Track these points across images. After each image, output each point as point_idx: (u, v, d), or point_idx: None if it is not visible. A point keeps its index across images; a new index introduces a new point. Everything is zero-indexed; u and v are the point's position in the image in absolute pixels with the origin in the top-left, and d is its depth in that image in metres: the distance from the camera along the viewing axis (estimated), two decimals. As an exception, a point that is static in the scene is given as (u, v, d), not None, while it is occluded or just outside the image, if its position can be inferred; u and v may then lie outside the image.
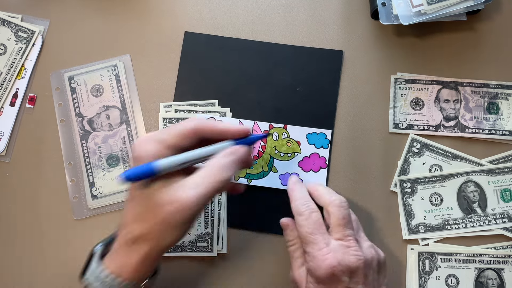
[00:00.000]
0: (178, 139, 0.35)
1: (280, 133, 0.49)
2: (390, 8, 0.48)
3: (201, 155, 0.36)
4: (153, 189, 0.34)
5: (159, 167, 0.33)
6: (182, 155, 0.35)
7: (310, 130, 0.49)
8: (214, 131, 0.37)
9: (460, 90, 0.49)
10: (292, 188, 0.42)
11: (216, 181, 0.34)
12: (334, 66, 0.50)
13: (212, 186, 0.34)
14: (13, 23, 0.52)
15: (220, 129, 0.37)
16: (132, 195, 0.35)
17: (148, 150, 0.34)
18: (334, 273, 0.36)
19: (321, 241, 0.38)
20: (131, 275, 0.34)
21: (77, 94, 0.51)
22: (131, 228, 0.34)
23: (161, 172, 0.34)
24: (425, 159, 0.48)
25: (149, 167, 0.33)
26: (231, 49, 0.51)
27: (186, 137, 0.36)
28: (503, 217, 0.47)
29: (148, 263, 0.35)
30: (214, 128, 0.37)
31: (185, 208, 0.33)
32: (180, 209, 0.33)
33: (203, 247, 0.47)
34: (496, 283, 0.45)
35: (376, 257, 0.39)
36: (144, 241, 0.34)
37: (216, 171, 0.35)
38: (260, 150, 0.48)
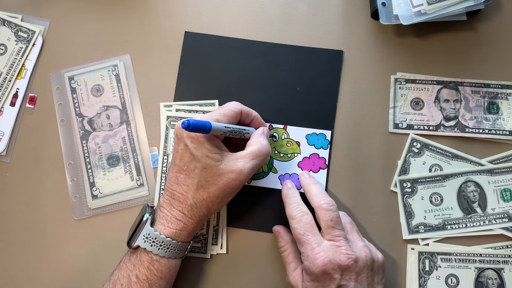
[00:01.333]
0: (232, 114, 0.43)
1: (280, 134, 0.49)
2: (390, 8, 0.48)
3: (241, 129, 0.43)
4: (214, 160, 0.40)
5: (213, 125, 0.39)
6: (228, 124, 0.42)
7: (310, 130, 0.49)
8: (249, 115, 0.45)
9: (460, 90, 0.49)
10: (286, 194, 0.44)
11: (261, 154, 0.42)
12: (334, 66, 0.50)
13: (259, 159, 0.41)
14: (13, 23, 0.52)
15: (253, 116, 0.45)
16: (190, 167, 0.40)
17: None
18: (326, 271, 0.38)
19: (313, 241, 0.39)
20: (187, 238, 0.41)
21: (77, 94, 0.51)
22: (194, 194, 0.40)
23: (214, 130, 0.39)
24: (425, 159, 0.48)
25: (206, 122, 0.38)
26: (231, 49, 0.51)
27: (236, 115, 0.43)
28: (503, 217, 0.47)
29: (200, 224, 0.42)
30: (250, 113, 0.45)
31: (242, 174, 0.40)
32: (239, 175, 0.40)
33: (197, 248, 0.47)
34: (496, 283, 0.45)
35: (370, 256, 0.40)
36: (205, 205, 0.40)
37: (261, 146, 0.42)
38: None
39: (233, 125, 0.42)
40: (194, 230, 0.42)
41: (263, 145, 0.42)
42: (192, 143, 0.40)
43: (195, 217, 0.41)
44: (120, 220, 0.48)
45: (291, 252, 0.43)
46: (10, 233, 0.48)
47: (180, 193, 0.41)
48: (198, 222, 0.41)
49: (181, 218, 0.40)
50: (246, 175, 0.40)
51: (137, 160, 0.49)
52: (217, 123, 0.40)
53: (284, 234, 0.45)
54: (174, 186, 0.41)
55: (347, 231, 0.42)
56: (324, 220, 0.40)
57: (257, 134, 0.44)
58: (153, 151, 0.49)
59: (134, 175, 0.49)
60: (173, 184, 0.41)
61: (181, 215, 0.40)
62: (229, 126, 0.42)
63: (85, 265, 0.47)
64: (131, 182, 0.49)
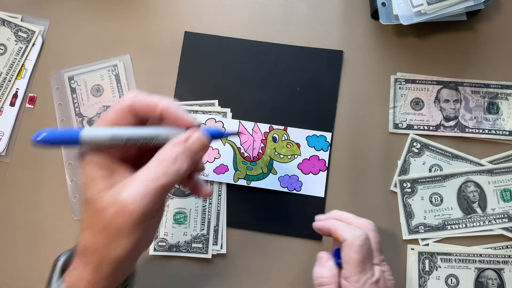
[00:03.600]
0: (116, 116, 0.31)
1: (280, 135, 0.49)
2: (390, 8, 0.48)
3: (139, 134, 0.29)
4: (96, 191, 0.29)
5: (83, 134, 0.28)
6: (114, 128, 0.29)
7: (310, 132, 0.49)
8: (153, 109, 0.30)
9: (460, 90, 0.49)
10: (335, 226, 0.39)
11: (164, 174, 0.29)
12: (334, 66, 0.50)
13: (160, 182, 0.28)
14: (13, 23, 0.52)
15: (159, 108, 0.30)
16: (82, 199, 0.30)
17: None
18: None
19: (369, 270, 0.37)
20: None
21: (77, 94, 0.51)
22: (81, 237, 0.30)
23: (86, 141, 0.29)
24: (425, 159, 0.48)
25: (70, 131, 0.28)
26: (231, 49, 0.51)
27: (122, 114, 0.31)
28: (503, 217, 0.47)
29: (103, 276, 0.30)
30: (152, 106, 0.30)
31: (127, 209, 0.28)
32: (122, 211, 0.28)
33: (198, 248, 0.47)
34: (496, 283, 0.45)
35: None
36: (92, 252, 0.29)
37: (165, 163, 0.29)
38: (260, 151, 0.48)
39: (129, 128, 0.30)
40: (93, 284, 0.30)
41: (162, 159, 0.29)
42: (80, 166, 0.30)
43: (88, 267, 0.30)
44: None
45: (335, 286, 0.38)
46: (10, 233, 0.48)
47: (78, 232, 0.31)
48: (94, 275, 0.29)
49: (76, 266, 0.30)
50: (134, 208, 0.28)
51: (137, 160, 0.49)
52: (93, 129, 0.29)
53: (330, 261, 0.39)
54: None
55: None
56: (374, 242, 0.38)
57: (168, 145, 0.30)
58: (153, 151, 0.49)
59: (134, 175, 0.49)
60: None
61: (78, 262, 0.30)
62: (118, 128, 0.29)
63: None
64: (131, 182, 0.49)
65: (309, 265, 0.46)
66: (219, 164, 0.48)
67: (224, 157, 0.48)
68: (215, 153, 0.48)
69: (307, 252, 0.47)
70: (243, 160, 0.48)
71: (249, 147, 0.48)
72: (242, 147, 0.48)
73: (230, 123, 0.49)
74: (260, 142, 0.48)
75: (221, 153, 0.48)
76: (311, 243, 0.47)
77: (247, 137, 0.49)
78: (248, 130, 0.49)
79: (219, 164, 0.48)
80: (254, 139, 0.48)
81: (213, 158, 0.48)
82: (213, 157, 0.48)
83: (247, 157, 0.48)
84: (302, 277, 0.46)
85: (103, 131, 0.29)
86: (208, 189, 0.36)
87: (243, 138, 0.49)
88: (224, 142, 0.48)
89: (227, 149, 0.48)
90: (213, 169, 0.48)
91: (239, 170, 0.48)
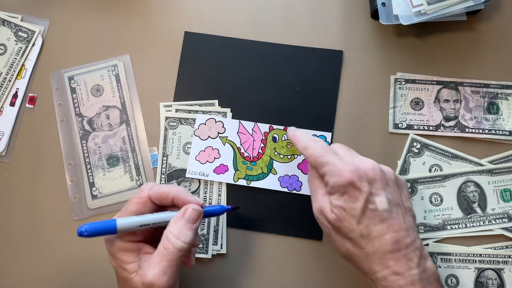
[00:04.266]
0: (138, 208, 0.38)
1: (280, 135, 0.49)
2: (390, 8, 0.48)
3: (158, 219, 0.38)
4: (129, 273, 0.36)
5: (120, 224, 0.36)
6: (141, 217, 0.37)
7: (310, 132, 0.48)
8: (166, 197, 0.39)
9: (460, 90, 0.49)
10: (293, 135, 0.42)
11: (173, 249, 0.36)
12: (334, 66, 0.50)
13: (172, 257, 0.36)
14: (13, 23, 0.52)
15: (171, 196, 0.39)
16: (119, 278, 0.38)
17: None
18: (353, 180, 0.36)
19: (335, 158, 0.38)
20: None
21: (77, 94, 0.51)
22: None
23: (122, 228, 0.36)
24: (425, 159, 0.48)
25: (111, 223, 0.36)
26: (231, 49, 0.51)
27: (144, 204, 0.39)
28: (503, 217, 0.47)
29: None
30: (165, 195, 0.39)
31: (154, 286, 0.35)
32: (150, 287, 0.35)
33: (198, 248, 0.47)
34: (496, 283, 0.45)
35: (392, 172, 0.39)
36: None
37: (172, 240, 0.36)
38: (260, 151, 0.48)
39: (147, 215, 0.38)
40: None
41: (169, 238, 0.36)
42: (109, 252, 0.37)
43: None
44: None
45: (318, 177, 0.40)
46: (9, 233, 0.48)
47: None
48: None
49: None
50: (159, 285, 0.35)
51: (137, 160, 0.49)
52: (124, 219, 0.36)
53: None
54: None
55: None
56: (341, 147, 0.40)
57: (171, 223, 0.38)
58: (152, 151, 0.49)
59: (133, 175, 0.49)
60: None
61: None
62: (140, 218, 0.37)
63: (84, 265, 0.47)
64: (131, 182, 0.49)
65: (309, 265, 0.46)
66: (219, 164, 0.48)
67: (224, 157, 0.48)
68: (215, 153, 0.48)
69: (307, 252, 0.47)
70: (243, 160, 0.48)
71: (249, 147, 0.48)
72: (242, 147, 0.48)
73: (230, 123, 0.49)
74: (260, 142, 0.48)
75: (221, 153, 0.48)
76: (311, 243, 0.47)
77: (247, 137, 0.49)
78: (248, 130, 0.49)
79: (219, 164, 0.48)
80: (254, 139, 0.48)
81: (213, 158, 0.48)
82: (213, 157, 0.48)
83: (247, 157, 0.48)
84: (302, 277, 0.46)
85: (134, 220, 0.37)
86: (193, 263, 0.41)
87: (243, 137, 0.49)
88: (224, 142, 0.48)
89: (227, 149, 0.48)
90: (213, 169, 0.48)
91: (239, 170, 0.48)
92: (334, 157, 0.38)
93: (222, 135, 0.49)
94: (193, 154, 0.48)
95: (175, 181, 0.48)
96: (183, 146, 0.49)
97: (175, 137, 0.49)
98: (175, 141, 0.49)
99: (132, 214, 0.38)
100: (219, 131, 0.49)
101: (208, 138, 0.48)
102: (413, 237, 0.36)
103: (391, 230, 0.36)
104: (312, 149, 0.39)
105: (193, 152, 0.48)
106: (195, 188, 0.48)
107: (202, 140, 0.48)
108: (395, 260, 0.35)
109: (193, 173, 0.48)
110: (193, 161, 0.48)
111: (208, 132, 0.49)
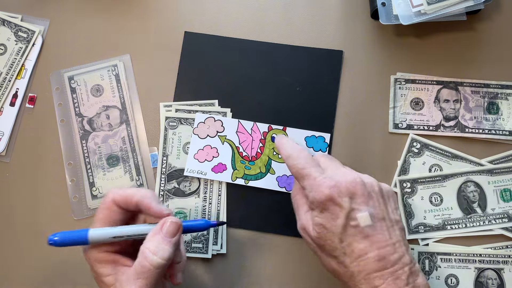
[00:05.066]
0: (104, 214, 0.37)
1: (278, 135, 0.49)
2: (390, 8, 0.48)
3: (133, 232, 0.36)
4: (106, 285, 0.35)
5: (91, 236, 0.35)
6: (115, 228, 0.36)
7: (309, 133, 0.48)
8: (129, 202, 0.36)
9: (460, 90, 0.49)
10: (279, 142, 0.42)
11: (149, 267, 0.34)
12: (334, 66, 0.50)
13: (149, 274, 0.34)
14: (13, 23, 0.52)
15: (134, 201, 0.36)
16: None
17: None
18: (333, 196, 0.35)
19: (315, 171, 0.37)
20: None
21: (77, 94, 0.51)
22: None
23: (94, 240, 0.35)
24: (425, 159, 0.48)
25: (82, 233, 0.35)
26: (231, 49, 0.51)
27: (109, 210, 0.37)
28: (503, 217, 0.47)
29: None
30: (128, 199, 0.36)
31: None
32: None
33: (198, 248, 0.47)
34: (496, 283, 0.45)
35: (376, 183, 0.37)
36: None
37: (149, 256, 0.34)
38: (258, 151, 0.48)
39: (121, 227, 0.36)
40: None
41: (145, 255, 0.34)
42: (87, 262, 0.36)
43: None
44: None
45: (302, 196, 0.39)
46: (10, 233, 0.48)
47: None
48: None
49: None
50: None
51: (137, 160, 0.49)
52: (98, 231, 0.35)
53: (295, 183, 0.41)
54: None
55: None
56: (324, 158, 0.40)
57: (148, 237, 0.35)
58: (153, 151, 0.49)
59: (134, 175, 0.49)
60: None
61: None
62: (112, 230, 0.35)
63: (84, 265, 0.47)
64: (131, 182, 0.49)
65: (309, 265, 0.46)
66: (217, 163, 0.48)
67: (222, 156, 0.48)
68: (213, 151, 0.48)
69: (307, 252, 0.47)
70: (241, 159, 0.48)
71: (248, 146, 0.48)
72: (241, 146, 0.48)
73: (229, 122, 0.49)
74: (259, 141, 0.48)
75: (219, 152, 0.48)
76: (311, 243, 0.47)
77: (246, 136, 0.49)
78: (247, 129, 0.49)
79: (218, 163, 0.48)
80: (253, 138, 0.48)
81: (212, 157, 0.48)
82: (212, 155, 0.48)
83: (246, 156, 0.48)
84: (302, 276, 0.46)
85: (106, 231, 0.35)
86: (180, 280, 0.39)
87: (242, 137, 0.49)
88: (223, 141, 0.48)
89: (225, 148, 0.48)
90: (211, 167, 0.48)
91: (237, 169, 0.48)
92: (315, 170, 0.37)
93: (221, 134, 0.49)
94: (191, 153, 0.48)
95: (175, 181, 0.48)
96: (183, 146, 0.49)
97: (175, 137, 0.49)
98: (175, 141, 0.49)
99: (102, 221, 0.36)
100: (218, 130, 0.49)
101: (207, 137, 0.48)
102: (400, 252, 0.35)
103: (376, 247, 0.34)
104: (294, 160, 0.39)
105: (191, 151, 0.48)
106: (195, 188, 0.48)
107: (201, 139, 0.48)
108: (382, 279, 0.33)
109: (191, 171, 0.48)
110: (191, 159, 0.48)
111: (207, 130, 0.49)
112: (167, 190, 0.48)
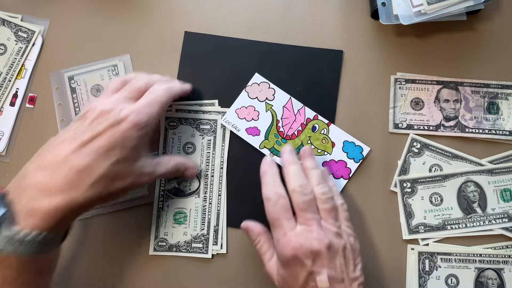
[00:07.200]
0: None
1: (320, 127, 0.48)
2: (390, 8, 0.48)
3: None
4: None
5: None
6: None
7: (350, 138, 0.48)
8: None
9: (460, 90, 0.49)
10: (264, 171, 0.43)
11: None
12: (334, 66, 0.50)
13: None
14: (13, 23, 0.52)
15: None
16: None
17: None
18: (297, 256, 0.37)
19: (286, 226, 0.39)
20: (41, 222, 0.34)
21: (77, 94, 0.51)
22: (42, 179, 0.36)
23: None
24: (425, 159, 0.48)
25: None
26: (231, 49, 0.51)
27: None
28: (503, 217, 0.47)
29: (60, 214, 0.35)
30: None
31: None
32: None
33: (198, 248, 0.47)
34: (496, 283, 0.45)
35: (341, 243, 0.39)
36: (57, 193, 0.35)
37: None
38: (295, 133, 0.48)
39: None
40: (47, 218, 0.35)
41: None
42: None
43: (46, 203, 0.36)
44: (119, 221, 0.48)
45: (264, 242, 0.42)
46: (10, 233, 0.48)
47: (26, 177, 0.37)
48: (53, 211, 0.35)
49: None
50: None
51: (137, 160, 0.49)
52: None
53: (253, 227, 0.44)
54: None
55: (323, 216, 0.40)
56: (296, 203, 0.39)
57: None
58: (152, 151, 0.49)
59: (134, 175, 0.49)
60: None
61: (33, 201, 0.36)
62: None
63: (83, 266, 0.47)
64: (131, 182, 0.49)
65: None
66: (253, 126, 0.48)
67: (261, 121, 0.48)
68: (255, 114, 0.48)
69: (307, 252, 0.47)
70: (276, 132, 0.48)
71: (288, 124, 0.48)
72: (281, 120, 0.48)
73: (281, 94, 0.49)
74: (300, 125, 0.48)
75: (260, 117, 0.48)
76: (311, 243, 0.47)
77: (290, 114, 0.48)
78: (294, 108, 0.49)
79: (253, 126, 0.48)
80: (295, 119, 0.48)
81: (251, 118, 0.48)
82: (252, 117, 0.48)
83: (281, 132, 0.48)
84: (302, 277, 0.46)
85: None
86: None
87: (286, 113, 0.48)
88: (268, 109, 0.48)
89: (267, 116, 0.48)
90: (246, 127, 0.48)
91: (268, 140, 0.48)
92: (287, 224, 0.39)
93: (269, 101, 0.49)
94: (235, 106, 0.48)
95: (175, 180, 0.48)
96: (183, 146, 0.49)
97: (175, 137, 0.49)
98: (175, 141, 0.49)
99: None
100: (268, 97, 0.49)
101: (255, 98, 0.49)
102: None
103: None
104: (272, 206, 0.40)
105: (236, 104, 0.48)
106: (195, 188, 0.48)
107: (250, 98, 0.49)
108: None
109: (228, 122, 0.48)
110: (232, 112, 0.48)
111: (258, 93, 0.49)
112: (167, 190, 0.48)
